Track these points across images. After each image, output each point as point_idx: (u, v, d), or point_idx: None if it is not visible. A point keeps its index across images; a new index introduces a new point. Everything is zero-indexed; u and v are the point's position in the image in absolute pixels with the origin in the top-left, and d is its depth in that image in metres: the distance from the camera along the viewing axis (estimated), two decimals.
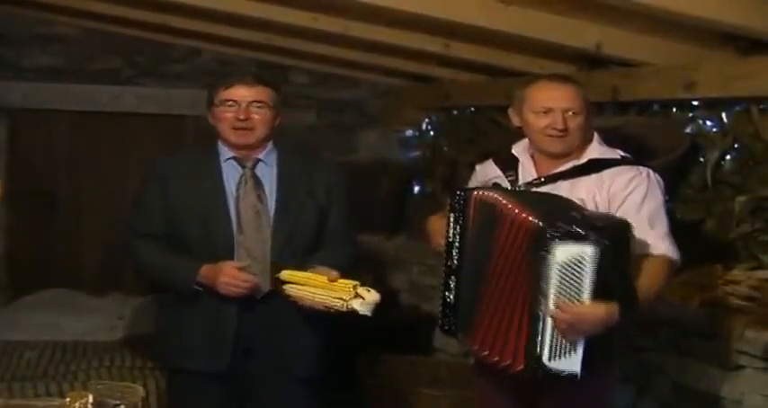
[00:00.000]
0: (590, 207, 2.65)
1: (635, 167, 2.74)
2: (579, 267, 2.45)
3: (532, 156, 2.84)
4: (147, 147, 5.88)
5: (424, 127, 5.82)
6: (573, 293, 2.47)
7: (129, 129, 5.91)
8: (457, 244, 2.72)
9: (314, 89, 6.11)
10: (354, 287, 2.76)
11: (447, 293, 2.75)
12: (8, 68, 5.61)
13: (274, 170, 3.04)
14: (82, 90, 5.69)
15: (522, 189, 2.76)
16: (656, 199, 2.70)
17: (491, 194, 2.68)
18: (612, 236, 2.46)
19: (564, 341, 2.51)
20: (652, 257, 2.65)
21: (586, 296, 2.47)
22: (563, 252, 2.45)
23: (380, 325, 4.83)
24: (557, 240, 2.45)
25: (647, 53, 3.65)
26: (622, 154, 2.79)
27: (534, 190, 2.76)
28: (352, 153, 6.09)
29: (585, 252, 2.44)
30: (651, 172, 2.74)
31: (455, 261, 2.72)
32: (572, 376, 2.53)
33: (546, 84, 2.79)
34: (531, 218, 2.52)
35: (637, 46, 3.62)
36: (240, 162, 3.01)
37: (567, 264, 2.45)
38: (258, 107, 2.97)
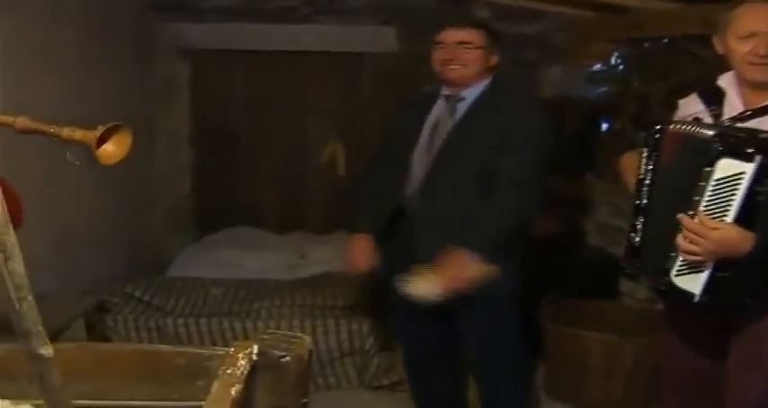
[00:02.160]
0: None
1: None
2: (733, 185, 2.30)
3: (739, 88, 2.59)
4: (324, 86, 5.88)
5: (612, 60, 5.55)
6: (719, 212, 2.33)
7: (306, 68, 5.89)
8: (647, 182, 2.57)
9: (497, 23, 5.89)
10: None
11: (633, 234, 2.63)
12: (189, 10, 5.70)
13: (466, 107, 3.27)
14: (259, 29, 5.70)
15: (725, 124, 2.53)
16: None
17: (687, 127, 2.49)
18: None
19: (691, 260, 2.39)
20: None
21: (731, 218, 2.31)
22: (723, 168, 2.31)
23: (565, 268, 4.79)
24: (719, 154, 2.31)
25: None
26: None
27: (738, 125, 2.52)
28: (536, 89, 5.87)
29: (743, 170, 2.28)
30: None
31: (644, 201, 2.58)
32: (695, 299, 2.41)
33: (752, 5, 2.54)
34: (702, 131, 2.41)
35: None
36: (447, 99, 3.32)
37: (724, 180, 2.31)
38: (466, 48, 3.22)
